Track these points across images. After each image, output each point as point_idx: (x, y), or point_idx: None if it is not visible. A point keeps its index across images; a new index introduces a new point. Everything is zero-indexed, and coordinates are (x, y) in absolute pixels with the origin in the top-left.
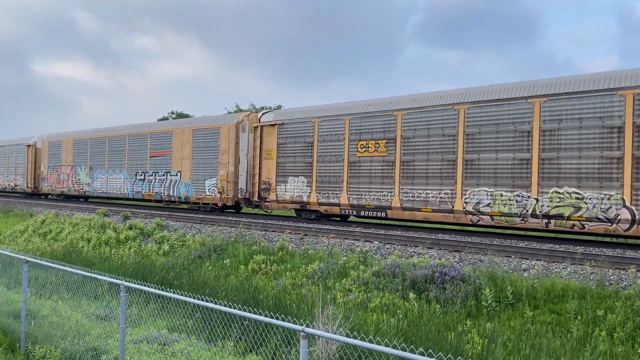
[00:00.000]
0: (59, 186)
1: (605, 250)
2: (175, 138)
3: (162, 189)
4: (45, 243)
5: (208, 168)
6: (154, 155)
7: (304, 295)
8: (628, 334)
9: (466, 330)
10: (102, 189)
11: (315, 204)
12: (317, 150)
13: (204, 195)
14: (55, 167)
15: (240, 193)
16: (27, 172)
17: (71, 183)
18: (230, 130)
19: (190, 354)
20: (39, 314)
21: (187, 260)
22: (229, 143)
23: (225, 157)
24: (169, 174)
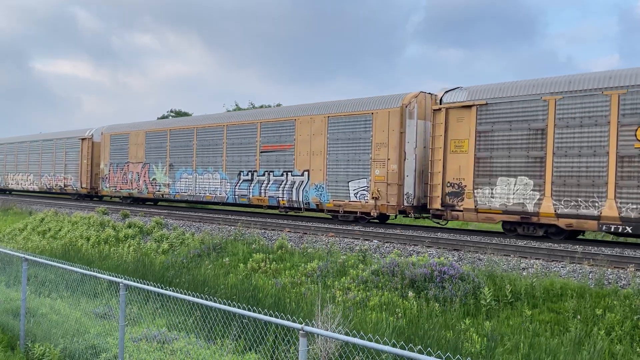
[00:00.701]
0: (126, 187)
1: (604, 249)
2: (301, 128)
3: (279, 193)
4: (45, 241)
5: (354, 166)
6: (267, 150)
7: (303, 293)
8: (627, 332)
9: (465, 329)
10: (188, 191)
11: (549, 215)
12: (553, 139)
13: (347, 201)
14: (120, 165)
15: (406, 199)
16: (82, 170)
17: (143, 184)
18: (392, 117)
19: (189, 352)
20: (38, 312)
21: (186, 259)
22: (388, 133)
23: (383, 151)
24: (291, 173)
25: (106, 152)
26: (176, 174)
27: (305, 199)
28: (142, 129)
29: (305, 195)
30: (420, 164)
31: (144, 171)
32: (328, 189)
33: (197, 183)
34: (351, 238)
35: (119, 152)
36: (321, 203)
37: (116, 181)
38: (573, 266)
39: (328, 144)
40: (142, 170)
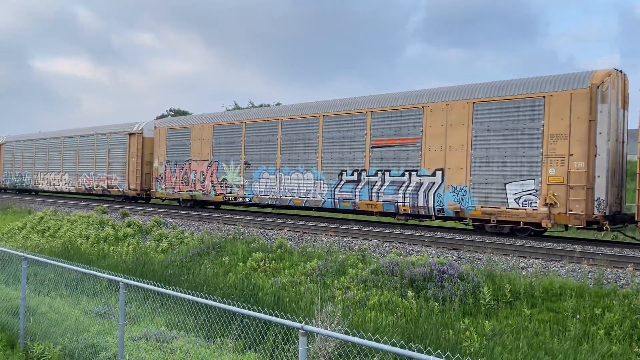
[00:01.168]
0: (187, 188)
1: (603, 249)
2: (431, 117)
3: (399, 196)
4: (44, 240)
5: (513, 164)
6: (381, 145)
7: (302, 293)
8: (625, 332)
9: (464, 329)
10: (270, 194)
11: None
12: None
13: (503, 208)
14: (179, 163)
15: (597, 206)
16: (129, 169)
17: (209, 185)
18: (576, 101)
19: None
20: (37, 311)
21: (185, 258)
22: (570, 122)
23: (561, 145)
24: (416, 173)
25: (161, 148)
26: (254, 173)
27: (438, 204)
28: (209, 122)
29: (438, 199)
30: (612, 162)
31: (211, 170)
32: (473, 193)
33: (282, 184)
34: (350, 237)
35: (177, 148)
36: (462, 210)
37: (174, 182)
38: (572, 266)
39: (473, 136)
40: (209, 170)
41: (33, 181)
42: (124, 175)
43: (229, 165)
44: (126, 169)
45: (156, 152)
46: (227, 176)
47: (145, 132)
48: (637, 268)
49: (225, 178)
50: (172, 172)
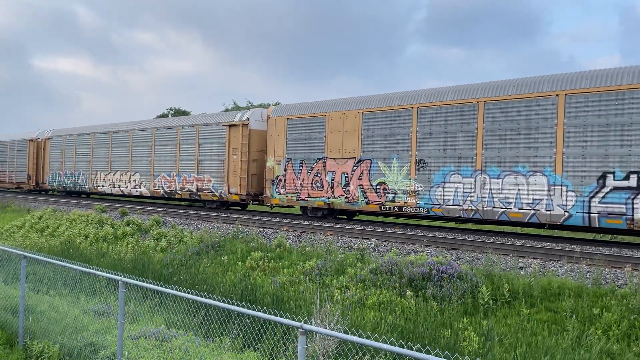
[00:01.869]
0: (319, 194)
1: (601, 249)
2: None
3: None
4: (43, 239)
5: None
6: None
7: (301, 292)
8: (623, 332)
9: (463, 328)
10: (464, 204)
11: None
12: None
13: None
14: (307, 162)
15: None
16: (230, 168)
17: (357, 190)
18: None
19: (188, 350)
20: (36, 309)
21: (185, 257)
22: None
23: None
24: None
25: (278, 143)
26: (434, 175)
27: None
28: (355, 108)
29: None
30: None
31: (360, 171)
32: None
33: (485, 191)
34: (349, 237)
35: (304, 143)
36: None
37: (300, 185)
38: (571, 265)
39: None
40: (356, 170)
41: (90, 182)
42: (221, 176)
43: (389, 165)
44: (224, 169)
45: (270, 147)
46: (386, 179)
47: (252, 124)
48: (636, 268)
49: (383, 182)
50: (295, 172)
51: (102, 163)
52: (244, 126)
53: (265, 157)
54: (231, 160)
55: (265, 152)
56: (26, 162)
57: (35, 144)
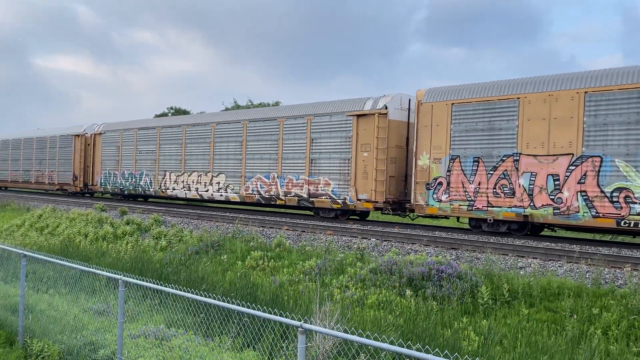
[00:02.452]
0: (507, 202)
1: (601, 249)
2: None
3: None
4: (43, 237)
5: None
6: None
7: (301, 291)
8: (623, 332)
9: (462, 328)
10: None
11: None
12: None
13: None
14: (486, 160)
15: None
16: (358, 168)
17: (575, 198)
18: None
19: (187, 349)
20: (36, 308)
21: (184, 256)
22: None
23: None
24: None
25: (437, 136)
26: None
27: None
28: (569, 88)
29: None
30: None
31: (581, 172)
32: None
33: None
34: (349, 236)
35: (479, 135)
36: None
37: (473, 191)
38: (570, 265)
39: None
40: (574, 171)
41: (156, 184)
42: (345, 178)
43: (635, 164)
44: (350, 170)
45: (422, 142)
46: (630, 183)
47: (391, 113)
48: (635, 268)
49: (624, 187)
50: (466, 174)
51: (172, 162)
52: (381, 116)
53: (403, 154)
54: (360, 159)
55: (403, 149)
56: (71, 161)
57: (83, 139)
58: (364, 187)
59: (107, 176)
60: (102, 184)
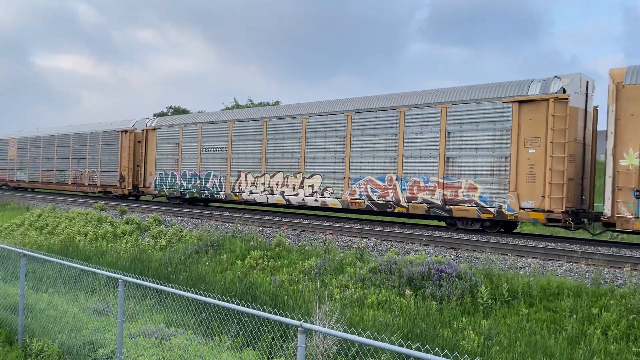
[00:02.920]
0: None
1: (600, 248)
2: None
3: None
4: (42, 237)
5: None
6: None
7: (300, 291)
8: (622, 332)
9: (462, 327)
10: None
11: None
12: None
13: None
14: None
15: None
16: (518, 169)
17: None
18: None
19: (187, 349)
20: (36, 308)
21: (184, 255)
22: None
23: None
24: None
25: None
26: None
27: None
28: None
29: None
30: None
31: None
32: None
33: None
34: (349, 236)
35: None
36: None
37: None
38: (570, 265)
39: None
40: None
41: (228, 187)
42: (500, 181)
43: None
44: (508, 169)
45: (626, 136)
46: None
47: (572, 99)
48: (635, 268)
49: None
50: None
51: (249, 161)
52: (558, 102)
53: (580, 150)
54: (522, 157)
55: (581, 144)
56: (117, 160)
57: (132, 135)
58: (530, 192)
59: (163, 177)
60: (156, 186)
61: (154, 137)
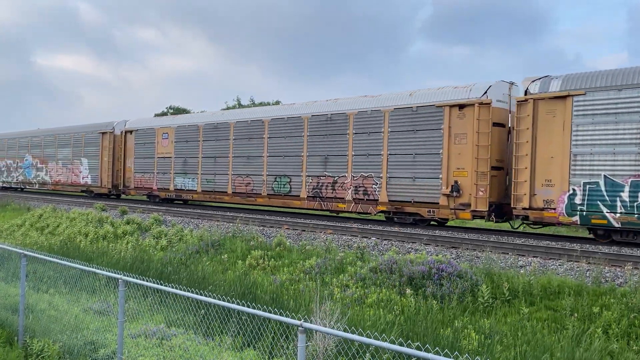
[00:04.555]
0: None
1: (601, 247)
2: None
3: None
4: (43, 237)
5: None
6: None
7: (301, 290)
8: (623, 330)
9: (463, 326)
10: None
11: None
12: None
13: None
14: None
15: None
16: None
17: None
18: None
19: (188, 349)
20: (36, 308)
21: (185, 255)
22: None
23: None
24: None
25: None
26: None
27: None
28: None
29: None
30: None
31: None
32: None
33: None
34: (349, 235)
35: None
36: None
37: None
38: (570, 264)
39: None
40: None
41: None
42: None
43: None
44: None
45: None
46: None
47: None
48: (636, 267)
49: None
50: None
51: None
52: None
53: None
54: None
55: None
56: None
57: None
58: None
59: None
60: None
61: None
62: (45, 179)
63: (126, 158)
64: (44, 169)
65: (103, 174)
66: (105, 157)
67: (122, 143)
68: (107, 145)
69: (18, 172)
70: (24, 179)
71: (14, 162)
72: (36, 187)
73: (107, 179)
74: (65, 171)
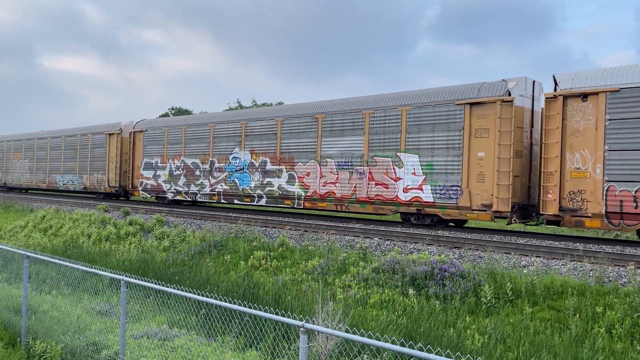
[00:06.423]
0: None
1: (604, 247)
2: None
3: None
4: (46, 238)
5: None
6: None
7: (303, 291)
8: (627, 330)
9: (466, 327)
10: None
11: None
12: None
13: None
14: None
15: None
16: None
17: None
18: None
19: (190, 349)
20: (39, 309)
21: (187, 256)
22: None
23: None
24: None
25: None
26: None
27: None
28: None
29: None
30: None
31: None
32: None
33: None
34: (352, 236)
35: None
36: None
37: None
38: (573, 264)
39: None
40: None
41: None
42: None
43: None
44: None
45: None
46: None
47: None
48: (639, 266)
49: None
50: None
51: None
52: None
53: None
54: None
55: None
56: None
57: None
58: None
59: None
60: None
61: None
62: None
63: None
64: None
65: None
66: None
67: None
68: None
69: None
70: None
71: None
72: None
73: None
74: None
